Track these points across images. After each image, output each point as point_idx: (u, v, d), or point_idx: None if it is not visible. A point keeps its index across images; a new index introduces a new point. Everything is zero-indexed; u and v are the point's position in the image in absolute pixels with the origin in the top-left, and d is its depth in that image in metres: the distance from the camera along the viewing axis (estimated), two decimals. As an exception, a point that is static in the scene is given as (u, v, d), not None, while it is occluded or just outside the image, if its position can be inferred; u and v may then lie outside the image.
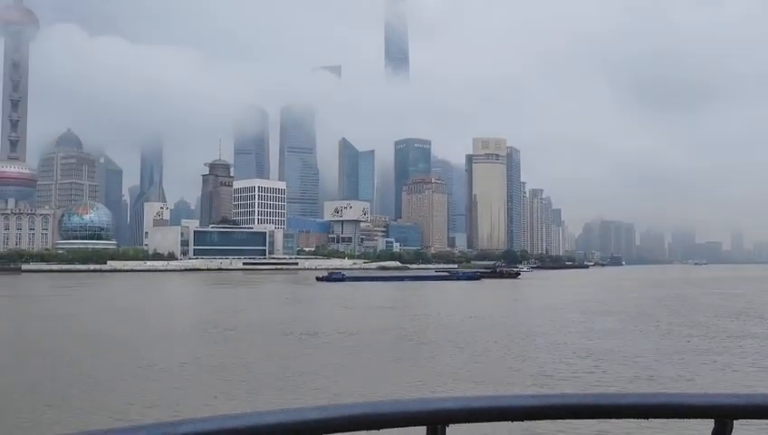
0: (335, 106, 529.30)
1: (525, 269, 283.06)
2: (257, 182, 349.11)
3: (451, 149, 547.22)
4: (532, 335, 38.94)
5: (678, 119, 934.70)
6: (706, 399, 2.06)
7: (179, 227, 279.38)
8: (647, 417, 2.12)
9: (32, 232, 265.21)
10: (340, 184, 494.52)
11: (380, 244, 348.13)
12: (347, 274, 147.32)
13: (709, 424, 2.00)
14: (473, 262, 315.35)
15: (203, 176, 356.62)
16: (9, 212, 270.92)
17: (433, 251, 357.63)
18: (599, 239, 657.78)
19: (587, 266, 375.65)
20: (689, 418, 2.04)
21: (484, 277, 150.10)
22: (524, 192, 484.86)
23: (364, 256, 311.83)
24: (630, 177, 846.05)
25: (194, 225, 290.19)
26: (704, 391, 1.83)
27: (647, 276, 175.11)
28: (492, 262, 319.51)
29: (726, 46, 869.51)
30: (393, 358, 30.91)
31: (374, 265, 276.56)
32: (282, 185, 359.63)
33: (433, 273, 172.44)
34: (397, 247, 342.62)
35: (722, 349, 34.22)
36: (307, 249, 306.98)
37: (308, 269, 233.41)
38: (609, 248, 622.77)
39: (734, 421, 2.03)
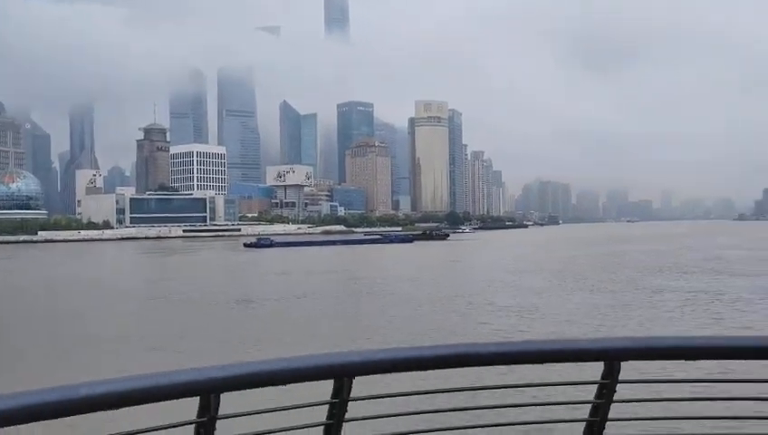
0: (275, 68, 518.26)
1: (468, 230, 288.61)
2: (195, 147, 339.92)
3: (394, 112, 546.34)
4: (461, 295, 39.87)
5: (612, 79, 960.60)
6: (596, 344, 2.23)
7: (114, 195, 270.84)
8: (542, 362, 2.24)
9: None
10: (283, 148, 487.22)
11: (325, 208, 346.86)
12: (277, 239, 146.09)
13: (599, 367, 2.15)
14: (417, 224, 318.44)
15: (137, 141, 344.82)
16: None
17: (378, 214, 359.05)
18: (537, 200, 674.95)
19: (526, 226, 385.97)
20: (581, 361, 2.19)
21: (416, 240, 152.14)
22: (466, 154, 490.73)
23: (308, 220, 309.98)
24: (568, 137, 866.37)
25: (130, 192, 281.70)
26: (594, 337, 1.88)
27: (580, 235, 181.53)
28: (435, 224, 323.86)
29: (655, 4, 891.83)
30: (322, 320, 31.19)
31: (319, 229, 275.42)
32: (221, 150, 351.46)
33: (364, 237, 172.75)
34: (341, 211, 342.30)
35: (642, 303, 36.00)
36: (250, 215, 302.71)
37: (251, 235, 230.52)
38: (547, 208, 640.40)
39: (621, 363, 2.20)
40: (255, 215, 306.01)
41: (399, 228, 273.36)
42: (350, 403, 2.25)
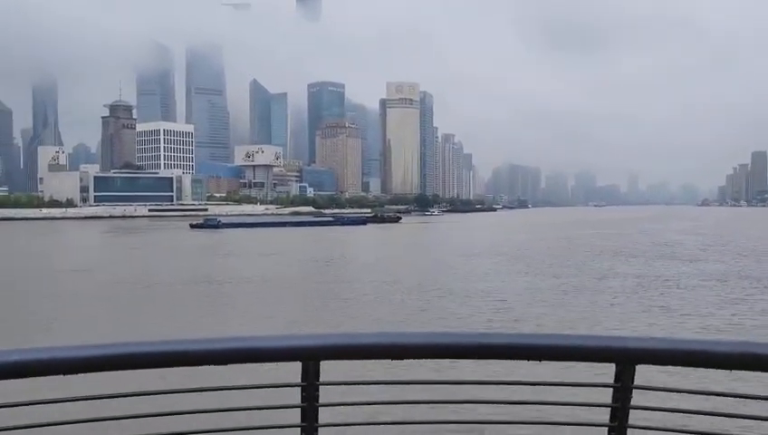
0: (245, 46, 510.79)
1: (436, 213, 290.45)
2: (163, 125, 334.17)
3: (365, 94, 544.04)
4: (406, 278, 40.39)
5: (582, 62, 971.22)
6: (607, 341, 1.96)
7: (78, 173, 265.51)
8: (539, 359, 2.01)
9: None
10: (252, 128, 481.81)
11: (294, 189, 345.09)
12: (226, 220, 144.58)
13: (609, 369, 1.90)
14: (386, 206, 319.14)
15: (103, 118, 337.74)
16: None
17: (347, 196, 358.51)
18: (507, 183, 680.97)
19: (495, 210, 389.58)
20: (589, 361, 1.94)
21: (369, 222, 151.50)
22: (437, 137, 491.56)
23: (277, 201, 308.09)
24: (538, 120, 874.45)
25: (94, 170, 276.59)
26: (605, 334, 1.49)
27: (545, 219, 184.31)
28: (404, 206, 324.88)
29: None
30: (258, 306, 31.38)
31: (287, 210, 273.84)
32: (189, 128, 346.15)
33: (314, 219, 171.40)
34: (311, 192, 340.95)
35: (587, 287, 36.95)
36: (218, 195, 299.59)
37: (218, 215, 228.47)
38: (516, 192, 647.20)
39: (636, 366, 1.95)
40: (224, 195, 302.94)
41: (369, 210, 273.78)
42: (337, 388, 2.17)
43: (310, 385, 2.14)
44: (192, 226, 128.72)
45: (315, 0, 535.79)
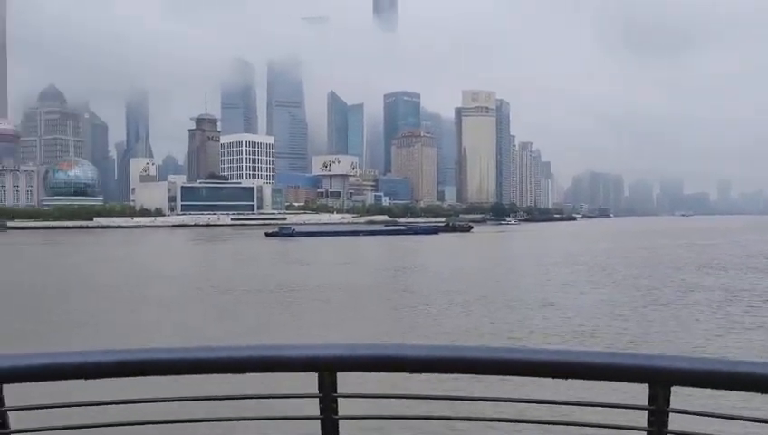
0: (323, 58, 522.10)
1: (513, 222, 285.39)
2: (245, 137, 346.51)
3: (440, 101, 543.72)
4: (476, 287, 39.73)
5: (667, 67, 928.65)
6: (641, 360, 1.83)
7: (166, 183, 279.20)
8: (565, 377, 1.89)
9: (16, 189, 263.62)
10: (330, 138, 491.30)
11: (369, 198, 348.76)
12: (301, 229, 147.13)
13: (642, 390, 1.79)
14: (461, 215, 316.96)
15: (189, 131, 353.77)
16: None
17: (422, 205, 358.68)
18: (588, 191, 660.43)
19: (575, 219, 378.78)
20: (618, 381, 1.82)
21: (441, 231, 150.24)
22: (514, 145, 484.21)
23: (353, 210, 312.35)
24: (620, 126, 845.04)
25: (181, 180, 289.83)
26: (638, 352, 1.25)
27: (628, 228, 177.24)
28: (480, 215, 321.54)
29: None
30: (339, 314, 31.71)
31: (363, 219, 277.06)
32: (270, 139, 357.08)
33: (385, 227, 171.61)
34: (386, 201, 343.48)
35: (673, 301, 35.09)
36: (296, 204, 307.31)
37: (294, 224, 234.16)
38: (598, 200, 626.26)
39: (672, 388, 1.81)
40: (302, 204, 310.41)
41: (443, 219, 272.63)
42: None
43: (326, 396, 2.11)
44: (267, 234, 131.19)
45: (392, 11, 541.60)
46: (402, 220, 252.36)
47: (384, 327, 27.23)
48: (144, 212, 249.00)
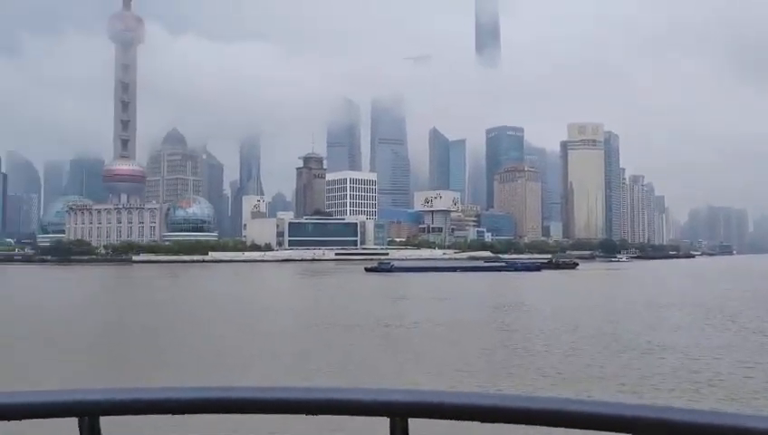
0: (425, 96, 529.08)
1: (624, 259, 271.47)
2: (349, 174, 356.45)
3: (544, 136, 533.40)
4: (579, 328, 37.83)
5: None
6: (378, 395, 1.91)
7: (275, 220, 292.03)
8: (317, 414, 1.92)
9: (141, 225, 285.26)
10: (431, 174, 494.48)
11: (471, 233, 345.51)
12: (399, 264, 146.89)
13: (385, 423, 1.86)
14: (568, 251, 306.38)
15: (297, 169, 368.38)
16: (121, 207, 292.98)
17: (526, 241, 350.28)
18: (706, 227, 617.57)
19: (693, 256, 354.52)
20: (360, 415, 1.90)
21: (544, 268, 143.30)
22: (624, 179, 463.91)
23: (455, 246, 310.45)
24: (739, 160, 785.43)
25: (289, 217, 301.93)
26: (378, 387, 1.77)
27: (754, 267, 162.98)
28: (588, 251, 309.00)
29: None
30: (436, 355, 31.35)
31: (465, 255, 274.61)
32: (373, 176, 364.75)
33: (485, 264, 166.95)
34: (488, 237, 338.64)
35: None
36: (398, 240, 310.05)
37: (394, 259, 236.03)
38: (718, 237, 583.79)
39: (409, 419, 1.90)
40: (403, 239, 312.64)
41: (549, 255, 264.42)
42: None
43: None
44: (367, 269, 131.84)
45: (494, 48, 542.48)
46: (505, 256, 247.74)
47: (478, 365, 26.58)
48: (254, 247, 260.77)
